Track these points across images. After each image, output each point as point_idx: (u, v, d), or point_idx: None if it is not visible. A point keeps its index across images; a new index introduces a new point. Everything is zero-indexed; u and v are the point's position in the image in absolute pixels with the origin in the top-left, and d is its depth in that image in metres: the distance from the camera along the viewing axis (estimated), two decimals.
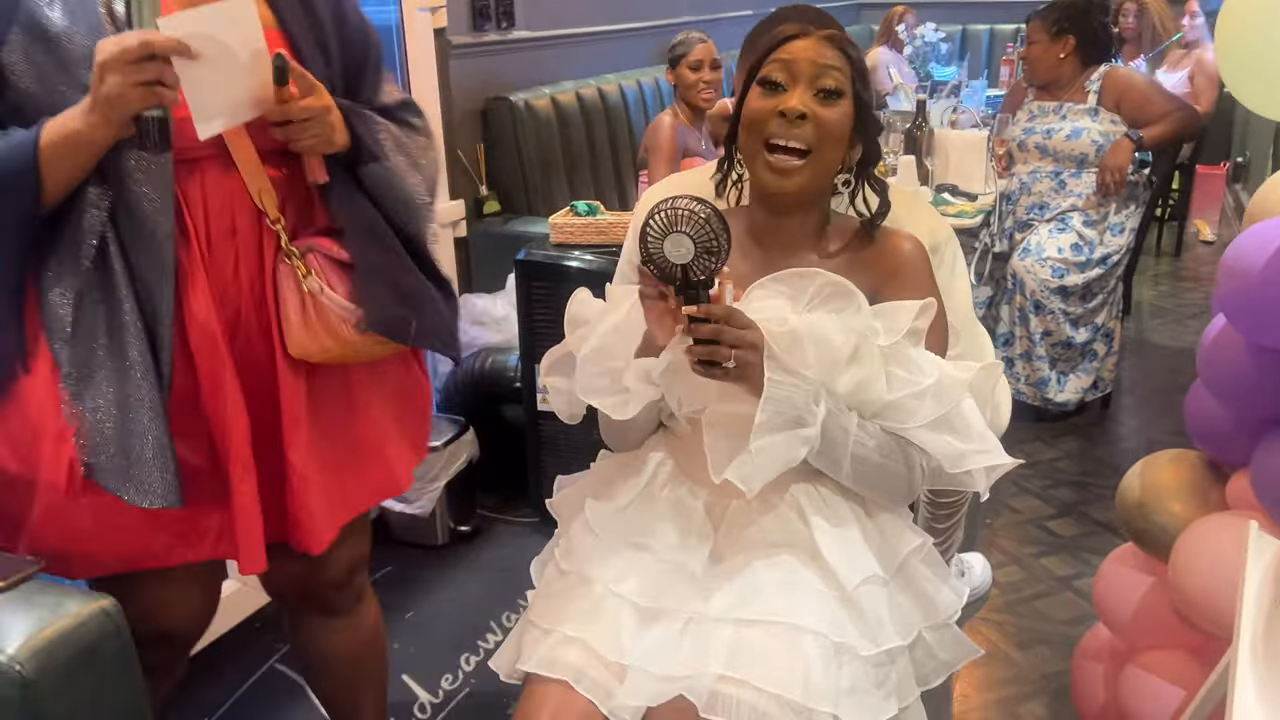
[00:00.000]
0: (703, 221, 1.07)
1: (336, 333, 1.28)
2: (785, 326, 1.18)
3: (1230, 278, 1.35)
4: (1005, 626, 2.32)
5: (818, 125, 1.22)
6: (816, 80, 1.23)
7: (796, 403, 1.14)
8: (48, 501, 1.22)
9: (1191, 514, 1.57)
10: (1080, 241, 3.21)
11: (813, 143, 1.23)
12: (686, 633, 1.18)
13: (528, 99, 3.32)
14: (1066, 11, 3.21)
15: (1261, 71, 1.10)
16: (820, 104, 1.23)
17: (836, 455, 1.20)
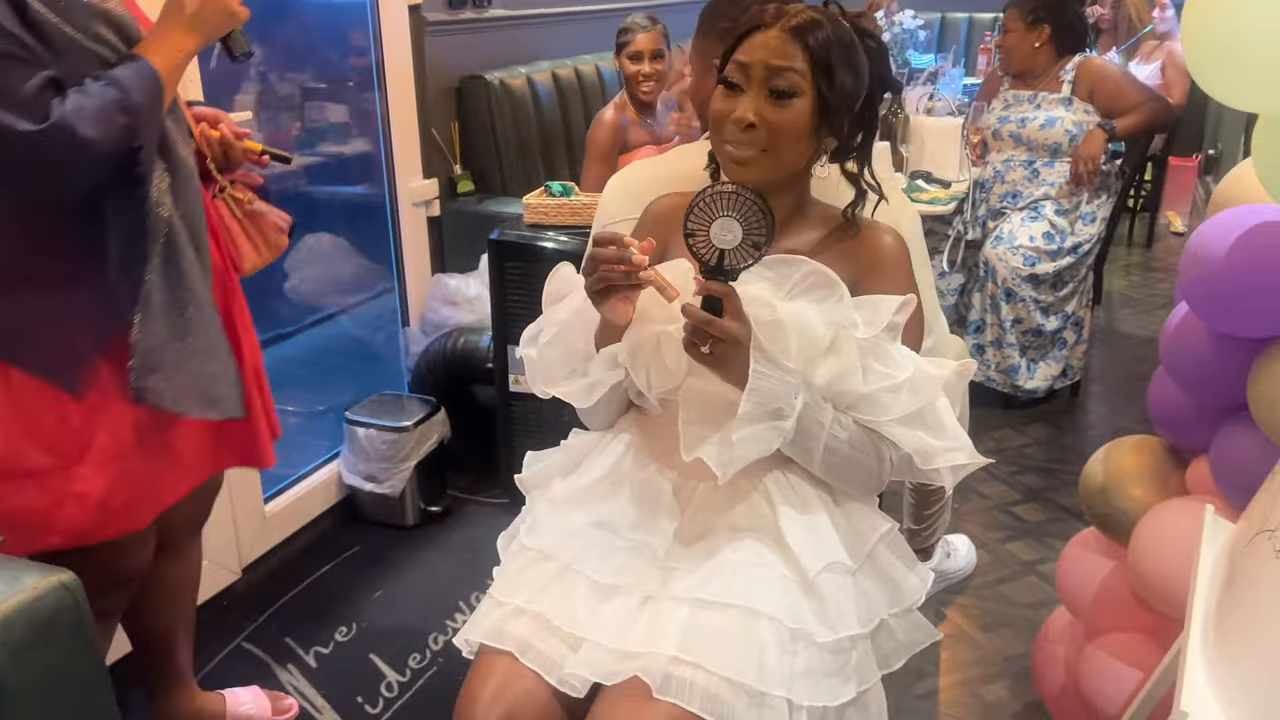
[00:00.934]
0: (757, 215, 1.09)
1: (275, 242, 1.53)
2: (773, 315, 1.18)
3: (1193, 265, 1.37)
4: (970, 610, 2.34)
5: (769, 129, 1.21)
6: (769, 82, 1.21)
7: (779, 395, 1.14)
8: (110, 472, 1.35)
9: (1152, 499, 1.59)
10: (1052, 230, 3.23)
11: (766, 145, 1.22)
12: (643, 610, 1.19)
13: (503, 78, 3.30)
14: (1042, 1, 3.23)
15: (1226, 60, 1.11)
16: (772, 106, 1.21)
17: (809, 446, 1.20)
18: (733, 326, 1.11)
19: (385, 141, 2.98)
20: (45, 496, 1.32)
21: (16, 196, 1.25)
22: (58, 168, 1.20)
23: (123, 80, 1.23)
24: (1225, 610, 0.98)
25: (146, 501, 1.42)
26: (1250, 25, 1.06)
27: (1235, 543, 1.07)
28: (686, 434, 1.20)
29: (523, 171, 3.36)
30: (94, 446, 1.34)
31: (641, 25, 2.87)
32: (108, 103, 1.21)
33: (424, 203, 3.09)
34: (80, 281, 1.31)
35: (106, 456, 1.35)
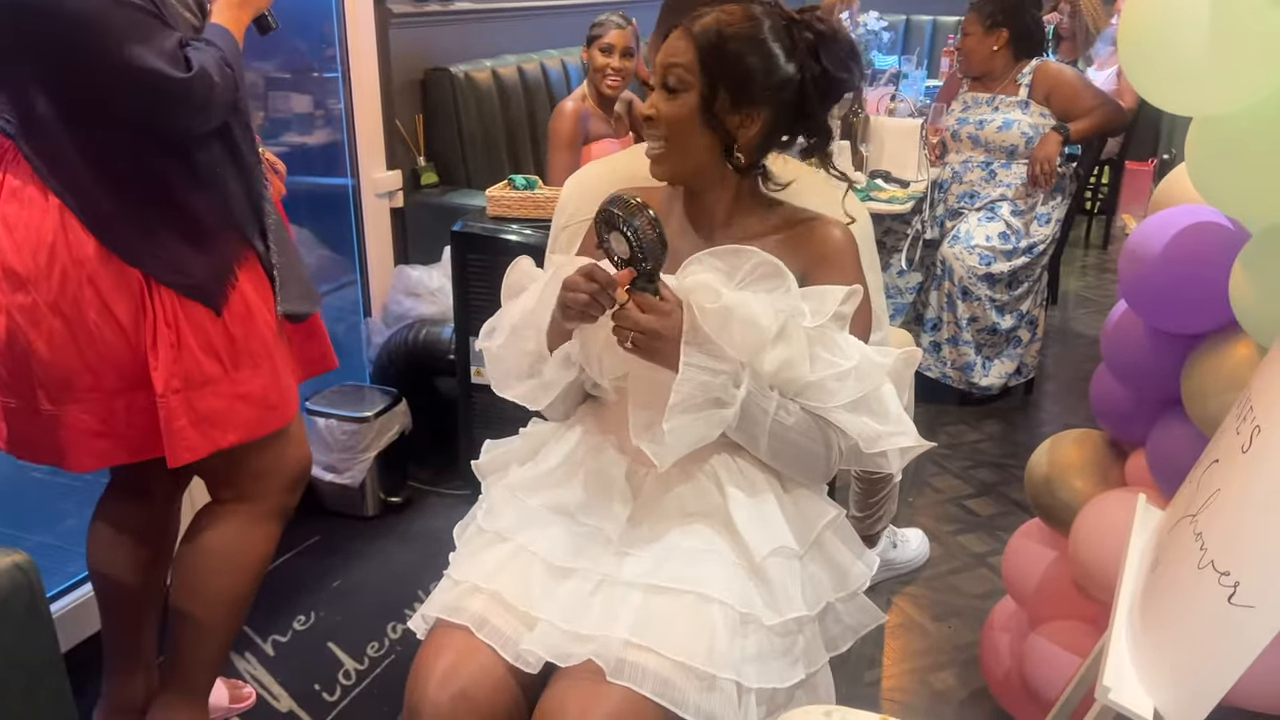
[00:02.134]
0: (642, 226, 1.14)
1: (278, 187, 1.76)
2: (717, 302, 1.21)
3: (1131, 263, 1.42)
4: (921, 600, 2.39)
5: (665, 122, 1.28)
6: (663, 78, 1.29)
7: (712, 386, 1.18)
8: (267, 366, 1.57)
9: (1093, 490, 1.64)
10: (1008, 230, 3.30)
11: (665, 137, 1.29)
12: (597, 593, 1.21)
13: (468, 71, 3.31)
14: (1001, 5, 3.29)
15: (1159, 65, 1.15)
16: (665, 101, 1.29)
17: (754, 433, 1.24)
18: (648, 322, 1.17)
19: (349, 133, 2.98)
20: (220, 400, 1.52)
21: (164, 137, 1.45)
22: (201, 108, 1.42)
23: (217, 40, 1.46)
24: (1149, 591, 1.03)
25: (288, 396, 1.62)
26: (1182, 31, 1.10)
27: (1161, 528, 1.12)
28: (634, 419, 1.24)
29: (487, 164, 3.37)
30: (249, 351, 1.55)
31: (616, 22, 2.91)
32: (218, 57, 1.43)
33: (387, 194, 3.09)
34: (208, 213, 1.50)
35: (257, 360, 1.56)
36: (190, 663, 1.71)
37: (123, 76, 1.35)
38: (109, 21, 1.33)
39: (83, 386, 1.47)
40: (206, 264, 1.49)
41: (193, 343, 1.49)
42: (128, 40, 1.34)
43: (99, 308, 1.43)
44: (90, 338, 1.44)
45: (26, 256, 1.42)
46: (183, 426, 1.49)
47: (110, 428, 1.51)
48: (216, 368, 1.51)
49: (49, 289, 1.42)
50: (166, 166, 1.46)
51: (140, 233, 1.45)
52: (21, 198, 1.42)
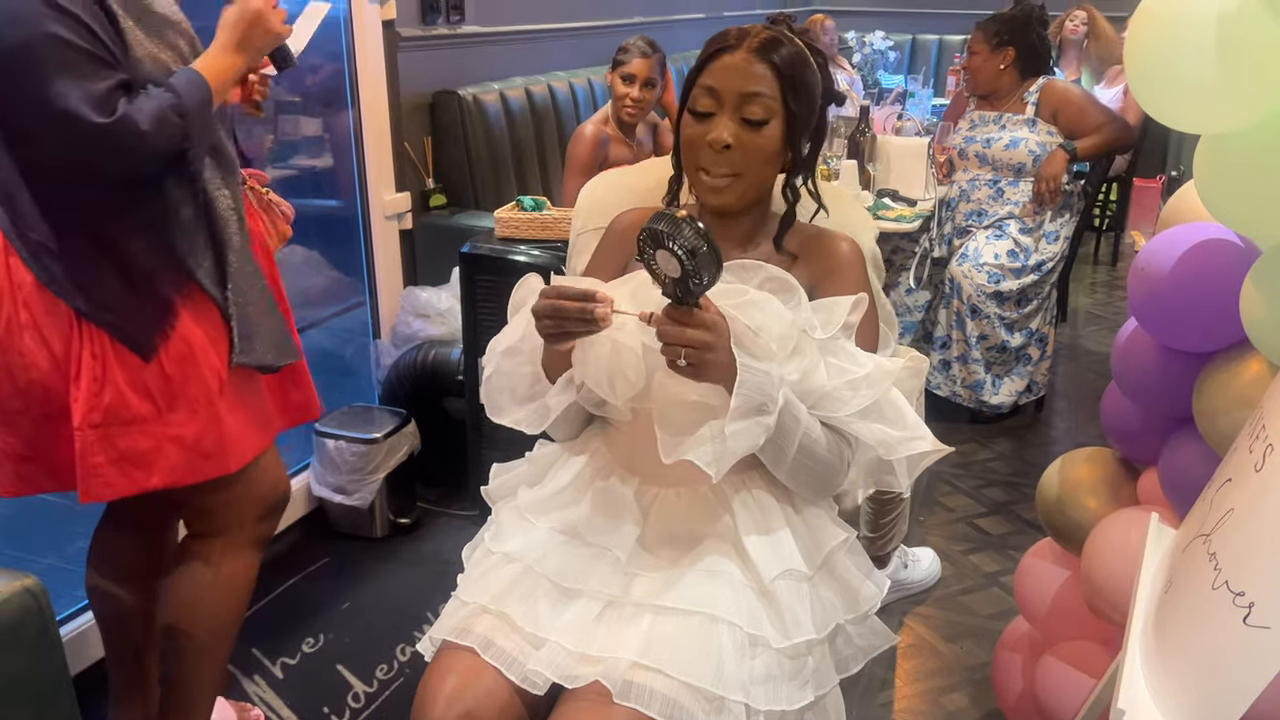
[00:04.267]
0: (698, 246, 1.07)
1: (282, 231, 1.77)
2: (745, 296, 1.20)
3: (1141, 281, 1.41)
4: (933, 620, 2.38)
5: (744, 152, 1.26)
6: (742, 108, 1.25)
7: (765, 389, 1.16)
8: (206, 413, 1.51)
9: (1105, 509, 1.63)
10: (1016, 248, 3.29)
11: (740, 167, 1.27)
12: (605, 615, 1.21)
13: (476, 94, 3.33)
14: (1007, 25, 3.30)
15: (1167, 83, 1.15)
16: (746, 130, 1.26)
17: (784, 445, 1.21)
18: (699, 335, 1.11)
19: (358, 155, 2.99)
20: (147, 439, 1.47)
21: (84, 178, 1.41)
22: (119, 156, 1.37)
23: (179, 87, 1.41)
24: (1163, 612, 1.02)
25: (230, 445, 1.56)
26: (1189, 49, 1.10)
27: (1175, 548, 1.11)
28: (663, 439, 1.20)
29: (495, 186, 3.39)
30: (186, 395, 1.50)
31: (641, 49, 2.89)
32: (165, 105, 1.38)
33: (396, 216, 3.11)
34: (148, 255, 1.46)
35: (196, 404, 1.50)
36: (188, 687, 1.71)
37: (40, 112, 1.32)
38: (38, 55, 1.30)
39: (12, 410, 1.46)
40: (138, 306, 1.45)
41: (120, 379, 1.45)
42: (53, 78, 1.31)
43: (33, 333, 1.42)
44: (22, 362, 1.43)
45: None
46: (99, 463, 1.45)
47: (36, 453, 1.50)
48: (147, 407, 1.47)
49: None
50: (102, 203, 1.43)
51: (69, 266, 1.42)
52: None
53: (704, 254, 1.07)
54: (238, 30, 1.49)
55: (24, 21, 1.30)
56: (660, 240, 1.07)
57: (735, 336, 1.15)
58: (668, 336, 1.11)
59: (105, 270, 1.43)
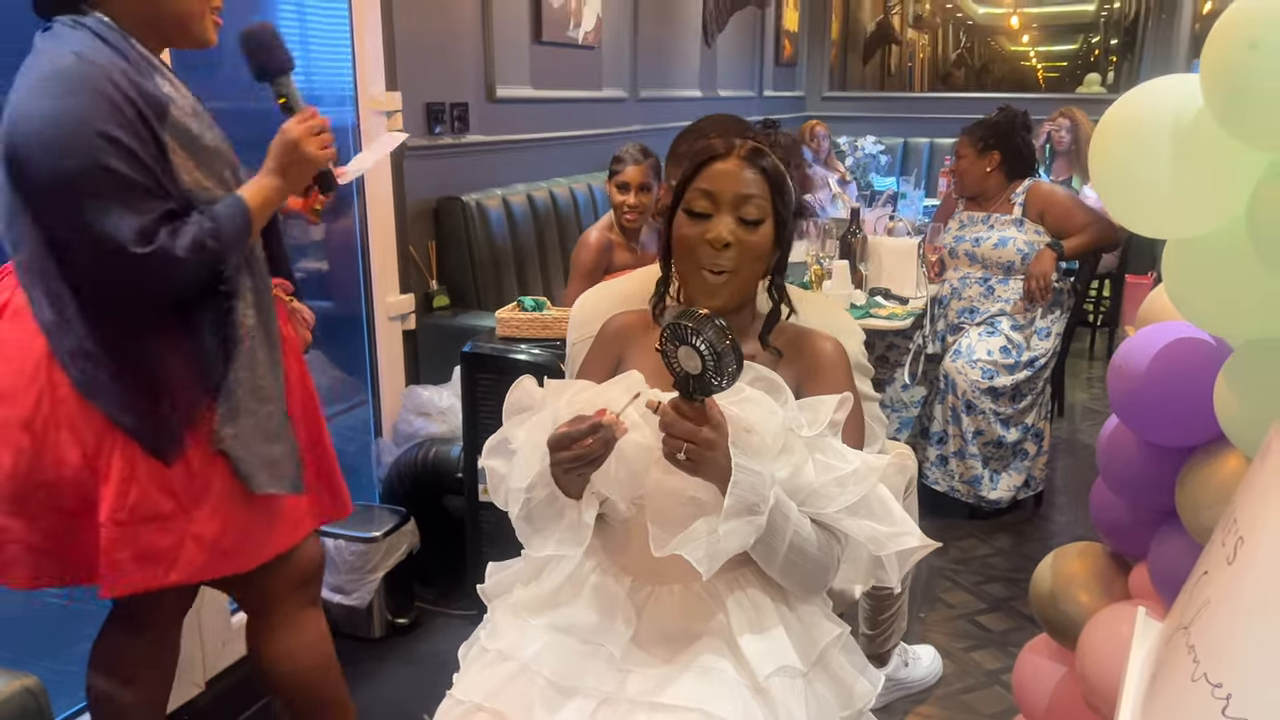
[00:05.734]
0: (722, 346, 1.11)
1: (304, 336, 1.82)
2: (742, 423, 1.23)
3: (1119, 379, 1.45)
4: (934, 719, 2.35)
5: (741, 250, 1.32)
6: (739, 209, 1.32)
7: (758, 489, 1.18)
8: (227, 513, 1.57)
9: (1097, 604, 1.63)
10: (1009, 345, 3.35)
11: (737, 264, 1.32)
12: (599, 713, 1.21)
13: (479, 199, 3.44)
14: (992, 130, 3.43)
15: (1131, 191, 1.21)
16: (744, 230, 1.32)
17: (775, 543, 1.23)
18: (706, 434, 1.15)
19: (364, 258, 3.08)
20: (169, 537, 1.52)
21: (120, 299, 1.47)
22: (156, 281, 1.44)
23: (218, 215, 1.49)
24: (1148, 705, 1.03)
25: (251, 548, 1.62)
26: (1149, 158, 1.16)
27: (1160, 640, 1.12)
28: (655, 532, 1.22)
29: (497, 287, 3.47)
30: (209, 494, 1.55)
31: (633, 157, 2.97)
32: (203, 233, 1.45)
33: (400, 317, 3.17)
34: (175, 371, 1.51)
35: (219, 504, 1.56)
36: None
37: (84, 238, 1.39)
38: (91, 187, 1.38)
39: (36, 502, 1.50)
40: (161, 417, 1.50)
41: (146, 478, 1.50)
42: (101, 208, 1.37)
43: (68, 430, 1.47)
44: (54, 458, 1.48)
45: (12, 372, 1.48)
46: (123, 559, 1.50)
47: (54, 546, 1.53)
48: (171, 505, 1.52)
49: (25, 405, 1.47)
50: (137, 319, 1.49)
51: (101, 372, 1.47)
52: (21, 319, 1.49)
53: (727, 354, 1.11)
54: (276, 157, 1.57)
55: (79, 153, 1.36)
56: (685, 336, 1.11)
57: (731, 435, 1.18)
58: (674, 429, 1.15)
59: (133, 380, 1.48)
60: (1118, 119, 1.21)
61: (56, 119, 1.38)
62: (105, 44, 1.44)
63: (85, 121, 1.37)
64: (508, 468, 1.36)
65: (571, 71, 4.27)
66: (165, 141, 1.44)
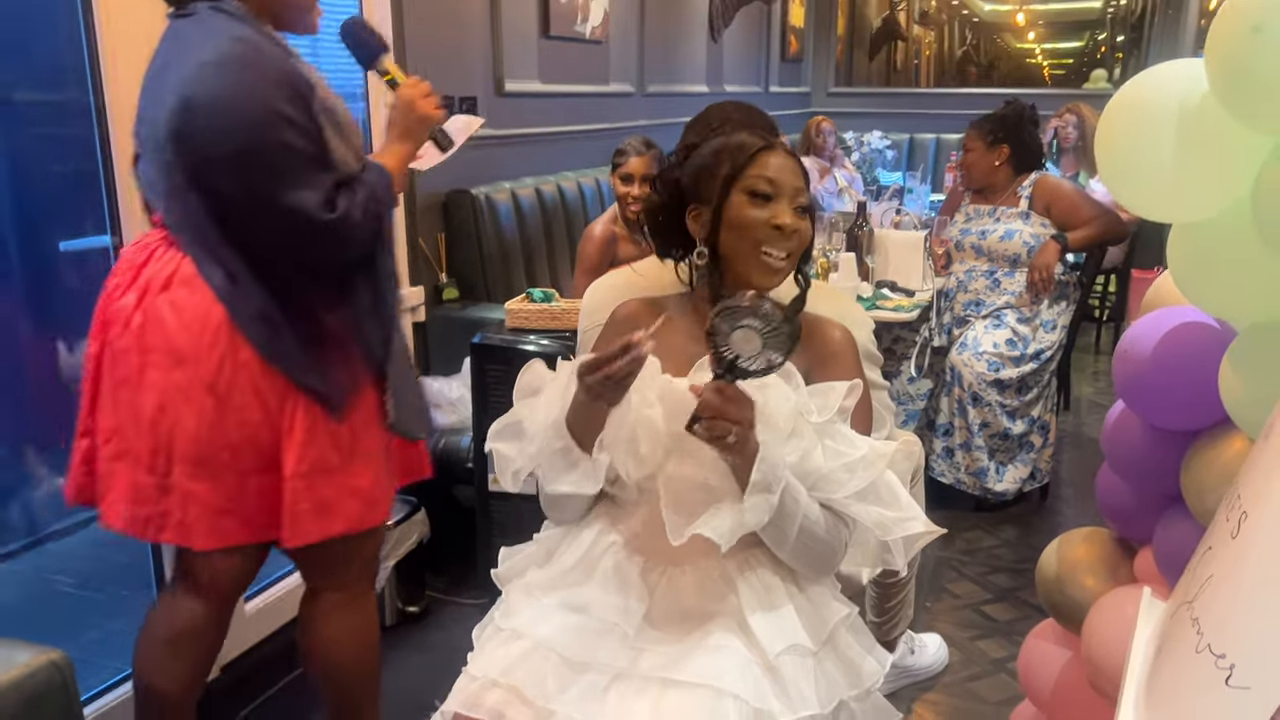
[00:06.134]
0: (781, 334, 1.16)
1: None
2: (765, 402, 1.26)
3: (1125, 364, 1.47)
4: (941, 706, 2.37)
5: (799, 238, 1.39)
6: (795, 198, 1.39)
7: (778, 469, 1.23)
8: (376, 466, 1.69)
9: (1103, 587, 1.65)
10: (1014, 337, 3.36)
11: (795, 250, 1.39)
12: (613, 688, 1.24)
13: (488, 192, 3.46)
14: (1001, 124, 3.44)
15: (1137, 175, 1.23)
16: (799, 218, 1.39)
17: (785, 526, 1.27)
18: (746, 414, 1.20)
19: None
20: (334, 489, 1.63)
21: (301, 265, 1.58)
22: (340, 246, 1.56)
23: (371, 180, 1.60)
24: (1152, 679, 1.05)
25: (386, 499, 1.74)
26: (1155, 142, 1.18)
27: (1164, 617, 1.14)
28: (670, 520, 1.26)
29: (505, 279, 3.49)
30: (362, 450, 1.66)
31: (636, 149, 2.99)
32: (367, 197, 1.57)
33: (410, 309, 3.19)
34: (342, 330, 1.63)
35: (369, 458, 1.67)
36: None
37: (270, 210, 1.49)
38: (273, 161, 1.48)
39: (219, 463, 1.57)
40: (334, 374, 1.61)
41: (323, 434, 1.60)
42: (285, 180, 1.48)
43: (250, 389, 1.56)
44: (237, 416, 1.56)
45: (192, 336, 1.54)
46: (305, 510, 1.60)
47: (237, 506, 1.60)
48: (337, 459, 1.62)
49: (208, 367, 1.54)
50: (309, 283, 1.59)
51: (281, 335, 1.56)
52: (194, 286, 1.56)
53: (784, 337, 1.16)
54: (398, 122, 1.70)
55: (260, 131, 1.46)
56: (737, 317, 1.16)
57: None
58: (714, 409, 1.17)
59: (313, 343, 1.59)
60: (1124, 103, 1.22)
61: (235, 100, 1.46)
62: (255, 31, 1.54)
63: (263, 101, 1.46)
64: (515, 450, 1.39)
65: (579, 66, 4.29)
66: (319, 118, 1.54)
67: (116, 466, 1.62)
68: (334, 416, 1.60)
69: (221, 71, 1.48)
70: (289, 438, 1.57)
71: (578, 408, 1.31)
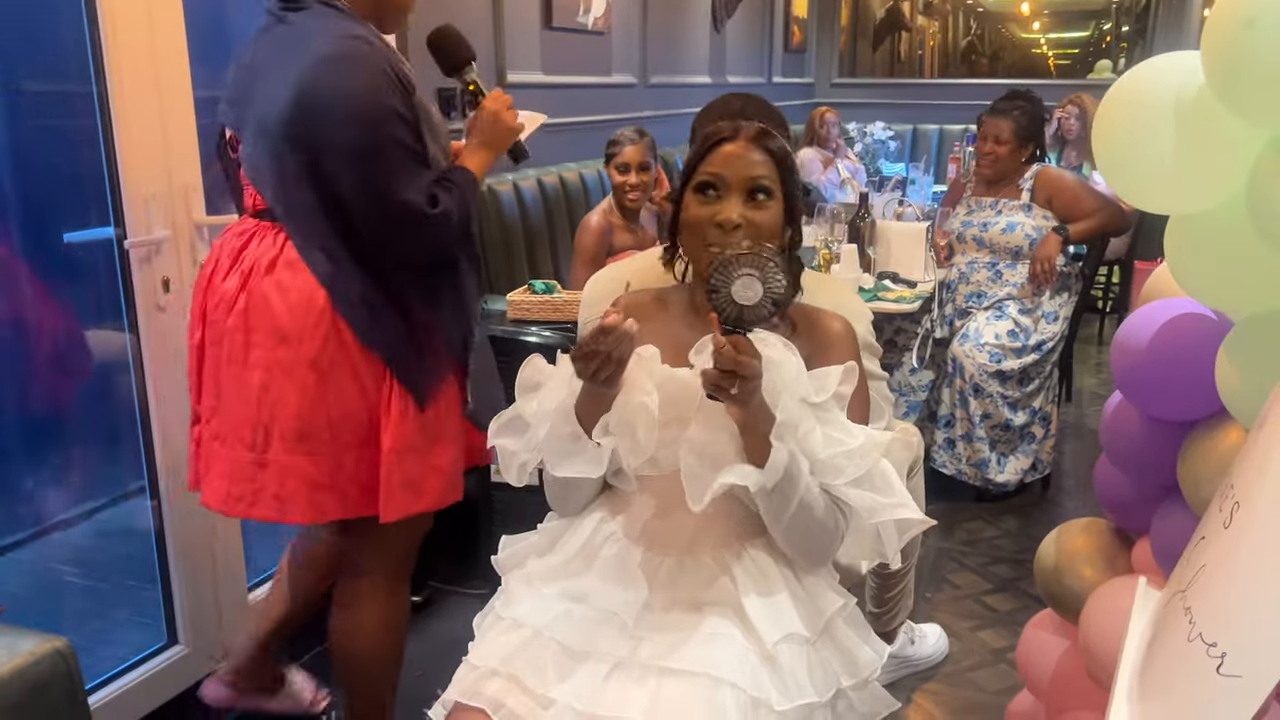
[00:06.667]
0: (776, 273, 1.18)
1: None
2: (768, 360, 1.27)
3: (1122, 355, 1.47)
4: (941, 696, 2.38)
5: (752, 229, 1.35)
6: (747, 188, 1.36)
7: (794, 414, 1.25)
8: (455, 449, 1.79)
9: (1100, 578, 1.66)
10: (1016, 328, 3.37)
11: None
12: (612, 676, 1.25)
13: (491, 183, 3.46)
14: (1034, 121, 3.42)
15: (1134, 167, 1.23)
16: (752, 209, 1.36)
17: (789, 491, 1.27)
18: (755, 364, 1.20)
19: None
20: (421, 468, 1.71)
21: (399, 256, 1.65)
22: (437, 239, 1.64)
23: (459, 181, 1.68)
24: (1145, 668, 1.06)
25: (460, 481, 1.82)
26: (1152, 135, 1.18)
27: (1158, 606, 1.15)
28: (690, 486, 1.28)
29: (508, 270, 3.49)
30: (445, 433, 1.75)
31: (630, 138, 3.02)
32: (460, 196, 1.66)
33: None
34: (433, 322, 1.71)
35: (450, 441, 1.76)
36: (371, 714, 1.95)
37: (380, 205, 1.57)
38: (386, 154, 1.56)
39: (319, 439, 1.66)
40: (423, 364, 1.70)
41: (412, 414, 1.69)
42: (396, 174, 1.56)
43: (351, 367, 1.64)
44: (339, 393, 1.65)
45: (297, 316, 1.62)
46: (395, 485, 1.69)
47: (334, 482, 1.68)
48: (422, 440, 1.71)
49: (311, 345, 1.63)
50: (405, 274, 1.67)
51: (378, 322, 1.65)
52: (298, 269, 1.63)
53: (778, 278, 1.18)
54: (481, 131, 1.76)
55: (375, 126, 1.55)
56: (734, 266, 1.17)
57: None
58: (727, 361, 1.18)
59: (402, 330, 1.67)
60: (1121, 96, 1.23)
61: (354, 95, 1.54)
62: (366, 29, 1.62)
63: (378, 98, 1.55)
64: (518, 444, 1.40)
65: (582, 57, 4.29)
66: (418, 118, 1.62)
67: (215, 446, 1.71)
68: (419, 403, 1.68)
69: (340, 67, 1.56)
70: (385, 415, 1.66)
71: (583, 395, 1.32)
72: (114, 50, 2.03)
